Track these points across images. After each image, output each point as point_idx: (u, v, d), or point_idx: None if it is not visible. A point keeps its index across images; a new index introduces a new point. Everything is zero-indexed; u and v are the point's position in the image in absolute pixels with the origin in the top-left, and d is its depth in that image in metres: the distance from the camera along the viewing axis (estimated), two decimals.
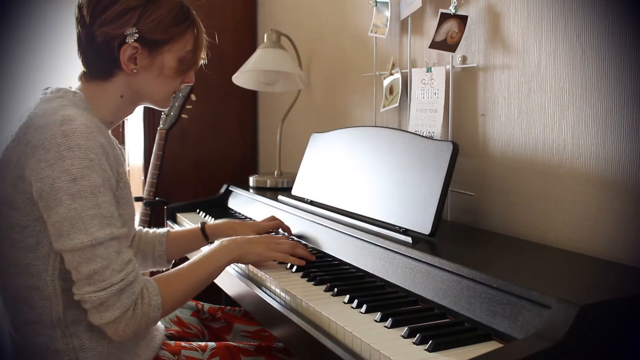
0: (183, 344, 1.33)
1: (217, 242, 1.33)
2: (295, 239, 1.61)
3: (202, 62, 1.32)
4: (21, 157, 1.07)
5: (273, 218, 1.67)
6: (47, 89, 1.21)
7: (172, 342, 1.32)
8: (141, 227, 1.58)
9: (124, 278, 1.06)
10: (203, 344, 1.34)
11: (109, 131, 1.25)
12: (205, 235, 1.58)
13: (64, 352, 1.12)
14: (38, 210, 1.07)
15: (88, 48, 1.20)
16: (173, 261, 1.58)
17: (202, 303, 1.58)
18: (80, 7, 1.19)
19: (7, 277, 1.13)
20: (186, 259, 1.80)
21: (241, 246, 1.34)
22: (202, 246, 1.61)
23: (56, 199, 1.04)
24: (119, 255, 1.07)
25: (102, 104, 1.22)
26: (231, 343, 1.38)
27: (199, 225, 1.60)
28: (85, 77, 1.23)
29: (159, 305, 1.12)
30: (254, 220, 1.71)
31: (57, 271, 1.10)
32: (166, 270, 1.30)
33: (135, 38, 1.17)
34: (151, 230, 1.57)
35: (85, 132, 1.06)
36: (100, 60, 1.20)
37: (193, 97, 2.38)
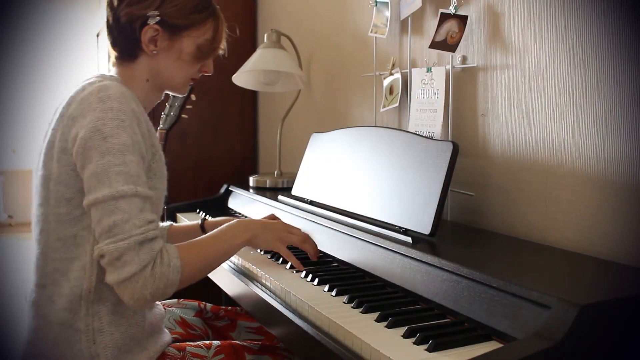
0: (189, 342, 1.33)
1: (234, 220, 1.35)
2: None
3: (221, 52, 1.37)
4: (64, 131, 1.14)
5: (272, 217, 1.67)
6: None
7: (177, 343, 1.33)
8: None
9: (143, 232, 1.08)
10: (208, 342, 1.34)
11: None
12: (204, 232, 1.60)
13: (84, 332, 1.14)
14: (80, 182, 1.13)
15: (115, 29, 1.27)
16: None
17: (204, 303, 1.59)
18: None
19: (52, 251, 1.16)
20: None
21: (255, 228, 1.36)
22: None
23: (88, 158, 1.10)
24: (140, 212, 1.10)
25: (133, 88, 1.27)
26: (236, 342, 1.38)
27: (199, 222, 1.61)
28: (116, 60, 1.30)
29: (179, 268, 1.12)
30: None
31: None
32: None
33: (156, 20, 1.24)
34: None
35: (119, 97, 1.13)
36: (124, 41, 1.27)
37: (193, 97, 2.37)
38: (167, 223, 1.60)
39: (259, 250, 1.58)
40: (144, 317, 1.21)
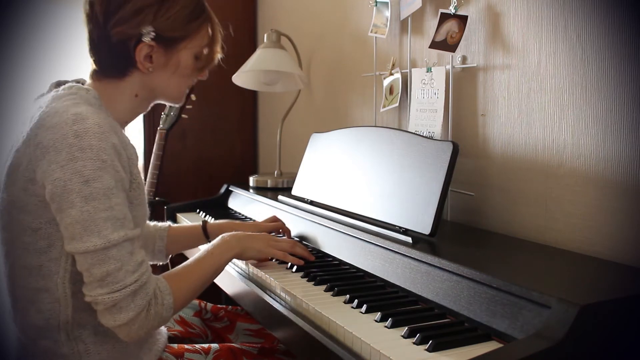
0: (186, 346, 1.32)
1: (218, 238, 1.33)
2: (296, 239, 1.61)
3: (218, 56, 1.30)
4: (32, 159, 1.05)
5: (275, 219, 1.66)
6: (58, 84, 1.19)
7: (175, 345, 1.32)
8: None
9: (137, 279, 1.04)
10: (206, 345, 1.34)
11: (123, 130, 1.23)
12: (206, 234, 1.58)
13: (70, 356, 1.11)
14: (50, 212, 1.05)
15: (102, 47, 1.16)
16: (170, 255, 1.59)
17: (204, 302, 1.59)
18: (91, 4, 1.15)
19: (18, 278, 1.11)
20: (183, 255, 1.81)
21: (242, 241, 1.33)
22: (201, 244, 1.61)
23: (68, 201, 1.01)
24: (132, 256, 1.05)
25: (116, 103, 1.19)
26: (235, 345, 1.37)
27: (200, 224, 1.59)
28: (97, 75, 1.20)
29: (171, 305, 1.10)
30: (255, 221, 1.71)
31: (68, 274, 1.09)
32: (164, 265, 1.29)
33: (151, 37, 1.14)
34: (152, 224, 1.56)
35: (97, 132, 1.03)
36: (114, 60, 1.17)
37: (193, 97, 2.38)
38: (165, 224, 1.57)
39: None
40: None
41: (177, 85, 1.25)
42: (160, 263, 1.58)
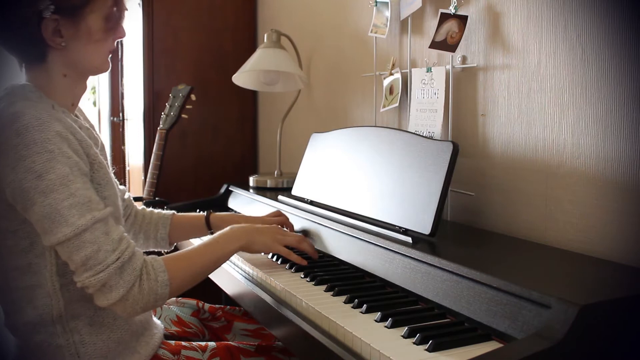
0: (183, 343, 1.33)
1: (227, 228, 1.32)
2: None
3: (126, 12, 1.24)
4: None
5: (278, 213, 1.65)
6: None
7: (173, 342, 1.32)
8: (145, 207, 1.58)
9: (119, 256, 1.06)
10: (203, 343, 1.34)
11: (74, 113, 1.22)
12: (208, 225, 1.57)
13: (65, 347, 1.12)
14: (21, 213, 1.07)
15: (10, 35, 1.13)
16: (175, 244, 1.59)
17: (202, 302, 1.59)
18: None
19: (12, 280, 1.13)
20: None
21: (249, 234, 1.33)
22: (204, 235, 1.60)
23: (29, 200, 1.03)
24: (108, 236, 1.06)
25: (51, 89, 1.17)
26: (231, 343, 1.38)
27: (204, 214, 1.58)
28: (24, 67, 1.19)
29: (166, 282, 1.11)
30: (259, 216, 1.70)
31: (54, 267, 1.11)
32: (167, 252, 1.29)
33: (52, 10, 1.09)
34: (156, 211, 1.56)
35: (36, 124, 1.04)
36: (25, 45, 1.14)
37: (193, 97, 2.38)
38: (169, 212, 1.57)
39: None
40: (127, 319, 1.19)
41: (97, 53, 1.19)
42: (165, 251, 1.57)
